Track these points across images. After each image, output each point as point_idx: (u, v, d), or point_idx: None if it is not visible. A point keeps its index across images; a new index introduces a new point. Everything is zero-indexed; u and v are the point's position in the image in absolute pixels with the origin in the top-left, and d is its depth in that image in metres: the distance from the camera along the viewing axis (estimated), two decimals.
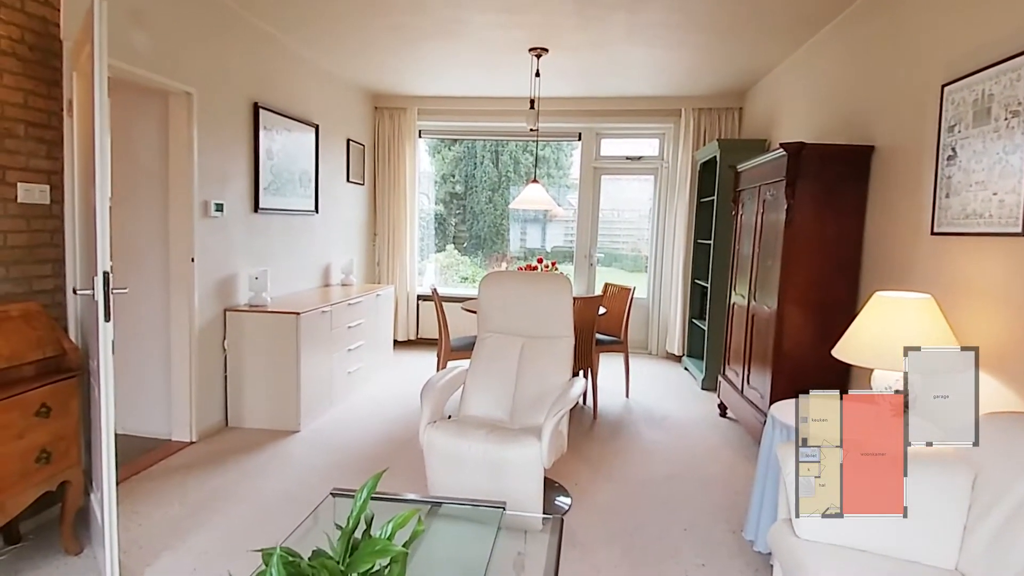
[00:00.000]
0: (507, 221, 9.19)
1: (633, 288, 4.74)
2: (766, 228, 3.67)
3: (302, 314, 3.81)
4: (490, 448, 2.51)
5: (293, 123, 4.59)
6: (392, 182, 6.26)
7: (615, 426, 4.15)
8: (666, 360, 6.18)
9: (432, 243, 8.31)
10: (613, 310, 4.87)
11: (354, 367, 4.62)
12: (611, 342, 4.66)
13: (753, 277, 3.84)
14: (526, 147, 9.94)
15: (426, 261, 8.06)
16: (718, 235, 5.04)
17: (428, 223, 8.79)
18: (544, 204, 4.59)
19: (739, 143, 5.20)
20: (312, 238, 5.00)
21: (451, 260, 8.82)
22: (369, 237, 6.33)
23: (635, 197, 6.73)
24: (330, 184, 5.30)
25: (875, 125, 3.25)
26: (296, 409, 3.85)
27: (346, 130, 5.62)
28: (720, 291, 4.94)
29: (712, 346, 5.03)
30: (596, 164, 6.40)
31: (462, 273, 8.43)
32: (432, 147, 9.47)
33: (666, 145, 6.27)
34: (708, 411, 4.52)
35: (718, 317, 4.95)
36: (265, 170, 4.23)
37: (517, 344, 3.14)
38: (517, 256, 8.57)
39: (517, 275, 3.22)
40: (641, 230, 6.66)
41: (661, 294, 6.30)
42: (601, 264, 6.72)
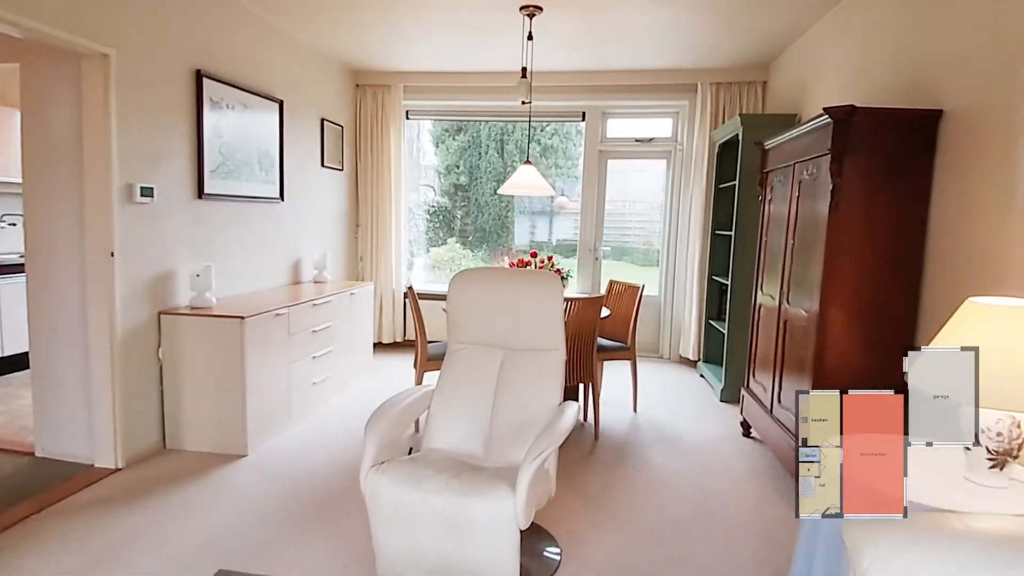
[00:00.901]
0: (512, 213, 8.61)
1: (642, 286, 4.11)
2: (803, 215, 3.02)
3: (247, 318, 3.22)
4: (450, 502, 1.91)
5: (250, 97, 3.99)
6: (376, 168, 5.66)
7: (620, 449, 3.53)
8: (680, 365, 5.54)
9: (435, 236, 7.77)
10: (619, 311, 4.25)
11: (321, 377, 4.03)
12: (616, 348, 4.04)
13: (786, 274, 3.19)
14: (532, 135, 9.29)
15: (425, 255, 7.52)
16: (740, 225, 4.39)
17: (433, 215, 8.23)
18: (538, 189, 3.97)
19: (765, 118, 4.54)
20: (276, 229, 4.41)
21: (452, 254, 8.25)
22: (351, 229, 5.73)
23: (646, 184, 6.07)
24: (300, 168, 4.71)
25: (944, 84, 2.59)
26: (242, 429, 3.27)
27: (320, 108, 5.02)
28: (743, 290, 4.30)
29: (733, 352, 4.39)
30: (602, 147, 5.75)
31: (465, 267, 7.85)
32: (436, 137, 8.90)
33: (680, 125, 5.61)
34: (729, 429, 3.89)
35: (740, 319, 4.31)
36: (212, 150, 3.64)
37: (495, 358, 2.53)
38: (523, 250, 8.00)
39: (495, 273, 2.61)
40: (653, 221, 6.01)
41: (674, 292, 5.66)
42: (610, 258, 6.08)
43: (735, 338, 4.38)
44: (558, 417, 2.17)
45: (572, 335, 3.42)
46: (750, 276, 4.02)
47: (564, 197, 7.57)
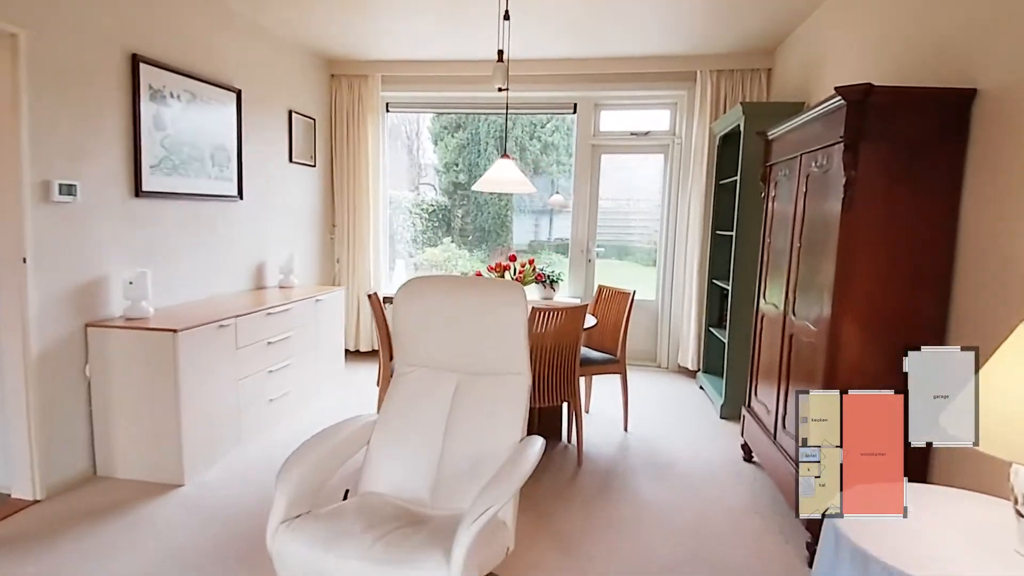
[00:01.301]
0: (511, 212, 8.28)
1: (632, 293, 3.72)
2: (811, 213, 2.63)
3: (182, 332, 2.86)
4: (368, 572, 1.54)
5: (201, 86, 3.64)
6: (353, 164, 5.29)
7: (605, 477, 3.15)
8: (678, 376, 5.15)
9: (433, 236, 7.45)
10: (608, 319, 3.86)
11: (279, 393, 3.67)
12: (605, 361, 3.65)
13: (791, 281, 2.80)
14: (533, 132, 8.87)
15: (420, 255, 7.21)
16: (742, 225, 4.00)
17: (431, 214, 7.89)
18: (514, 185, 3.58)
19: (769, 107, 4.15)
20: (235, 230, 4.06)
21: (448, 254, 7.91)
22: (325, 229, 5.37)
23: (643, 180, 5.68)
24: (263, 164, 4.35)
25: (978, 58, 2.19)
26: (177, 456, 2.91)
27: (288, 100, 4.66)
28: (745, 295, 3.91)
29: (734, 363, 4.00)
30: (595, 141, 5.36)
31: (461, 268, 7.51)
32: (435, 134, 8.57)
33: (678, 116, 5.21)
34: (729, 452, 3.50)
35: (742, 328, 3.92)
36: (152, 143, 3.28)
37: (448, 384, 2.16)
38: (523, 250, 7.66)
39: (448, 282, 2.23)
40: (653, 219, 5.61)
41: (672, 296, 5.26)
42: (612, 257, 5.69)
43: (737, 348, 3.98)
44: (517, 458, 1.80)
45: (551, 348, 3.04)
46: (753, 281, 3.63)
47: (559, 195, 7.18)
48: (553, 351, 3.06)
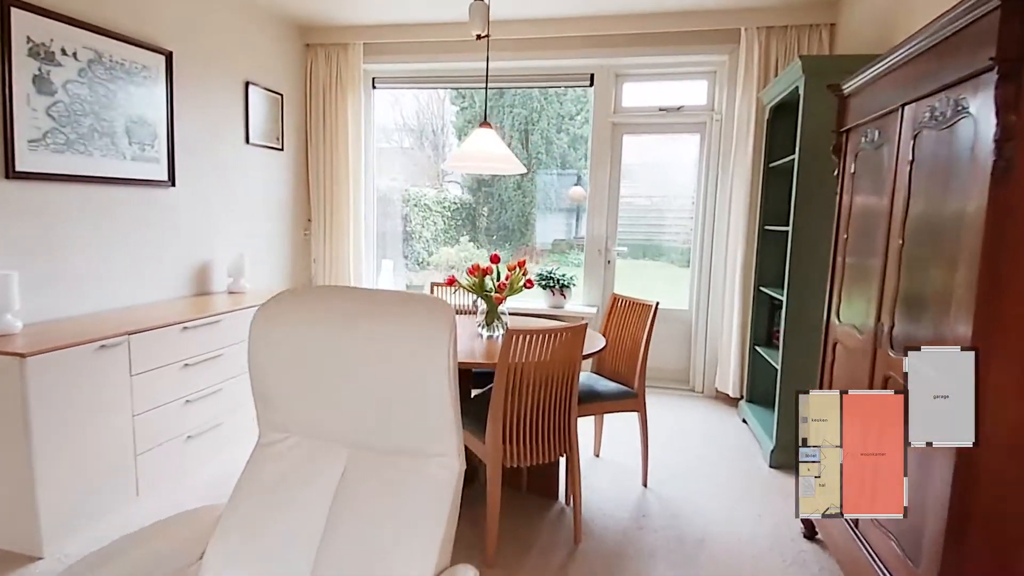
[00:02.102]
0: (534, 209, 7.57)
1: (655, 306, 2.83)
2: (924, 193, 1.72)
3: (32, 357, 2.12)
4: None
5: (111, 43, 2.91)
6: (331, 148, 4.53)
7: (610, 563, 2.28)
8: (715, 404, 4.22)
9: (455, 235, 6.79)
10: (623, 339, 2.99)
11: (201, 427, 2.92)
12: (618, 395, 2.78)
13: (886, 295, 1.89)
14: (560, 125, 7.97)
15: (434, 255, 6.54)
16: (800, 216, 3.08)
17: (454, 212, 7.30)
18: (496, 162, 2.73)
19: (837, 61, 3.23)
20: (164, 223, 3.33)
21: (464, 254, 7.17)
22: (298, 224, 4.63)
23: (675, 164, 4.76)
24: (206, 145, 3.62)
25: None
26: (32, 519, 2.18)
27: (245, 69, 3.92)
28: (804, 309, 2.99)
29: (789, 393, 3.07)
30: (616, 119, 4.48)
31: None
32: (459, 128, 7.91)
33: (717, 87, 4.29)
34: (783, 522, 2.58)
35: (799, 349, 3.00)
36: (31, 112, 2.56)
37: (331, 465, 1.33)
38: (546, 249, 6.89)
39: (336, 299, 1.40)
40: (686, 213, 4.69)
41: (709, 305, 4.34)
42: (641, 256, 4.79)
43: (792, 375, 3.06)
44: None
45: (538, 385, 2.20)
46: (814, 289, 2.73)
47: (580, 187, 6.34)
48: (541, 388, 2.21)
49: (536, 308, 4.47)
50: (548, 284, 4.43)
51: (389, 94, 5.09)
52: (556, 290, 4.41)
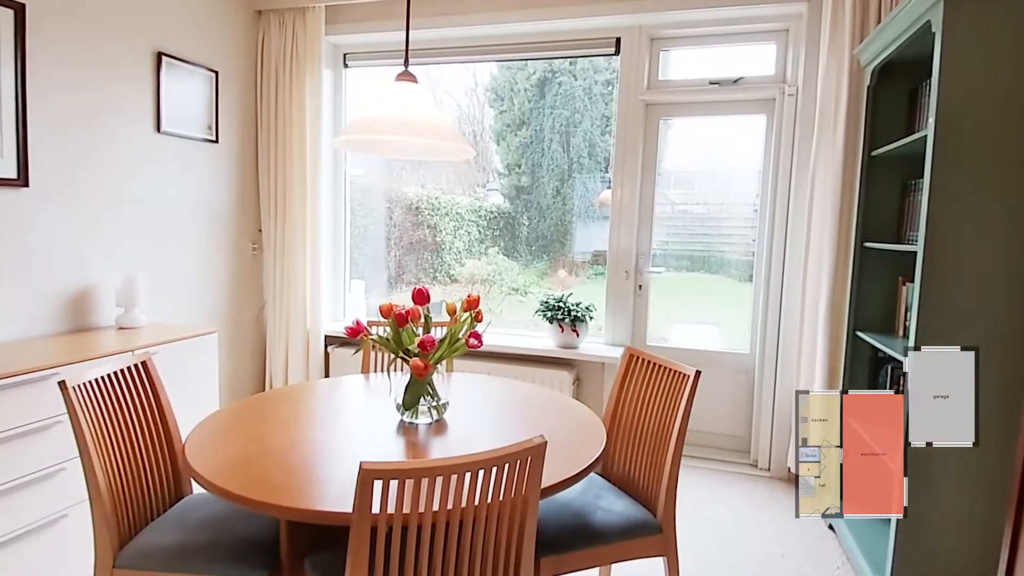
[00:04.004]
0: (574, 218, 6.62)
1: (694, 376, 1.69)
2: None
3: None
4: None
5: None
6: (282, 140, 3.58)
7: None
8: (787, 489, 3.01)
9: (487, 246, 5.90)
10: (643, 425, 1.86)
11: (25, 522, 1.98)
12: (629, 530, 1.66)
13: None
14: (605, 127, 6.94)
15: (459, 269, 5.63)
16: (943, 230, 1.87)
17: (491, 221, 6.50)
18: (420, 136, 1.66)
19: None
20: (11, 236, 2.43)
21: (492, 267, 6.19)
22: (243, 236, 3.69)
23: (731, 156, 3.58)
24: (87, 132, 2.71)
25: None
26: None
27: (155, 35, 3.01)
28: (983, 382, 1.79)
29: (918, 500, 1.86)
30: (650, 96, 3.35)
31: (510, 284, 5.76)
32: (498, 133, 7.20)
33: (791, 50, 3.11)
34: None
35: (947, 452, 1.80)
36: None
37: None
38: (585, 260, 5.86)
39: None
40: (745, 222, 3.50)
41: (780, 350, 3.13)
42: (686, 269, 3.62)
43: (924, 473, 1.85)
44: None
45: (451, 548, 1.12)
46: (957, 340, 1.54)
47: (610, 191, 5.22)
48: (456, 555, 1.13)
49: (537, 349, 3.38)
50: (556, 316, 3.33)
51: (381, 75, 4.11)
52: (566, 325, 3.30)
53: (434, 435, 1.61)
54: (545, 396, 2.04)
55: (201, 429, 1.61)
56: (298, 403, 1.92)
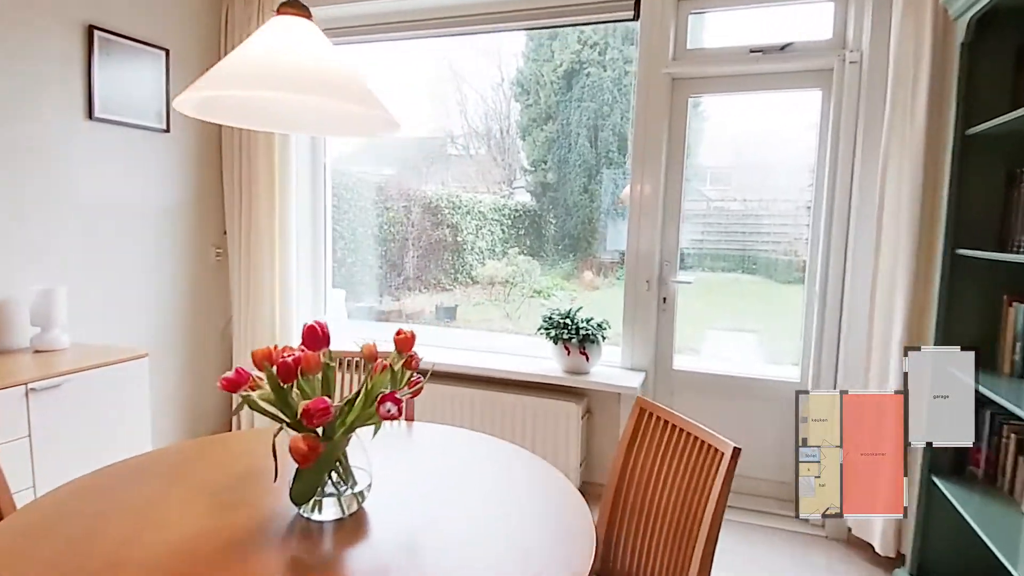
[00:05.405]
0: (600, 215, 6.14)
1: (732, 454, 1.15)
2: None
3: None
4: None
5: None
6: (249, 134, 3.11)
7: None
8: (849, 557, 2.41)
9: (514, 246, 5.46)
10: (658, 508, 1.31)
11: None
12: None
13: None
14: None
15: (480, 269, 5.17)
16: None
17: (515, 219, 6.11)
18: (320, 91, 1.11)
19: None
20: None
21: (512, 269, 5.72)
22: (202, 240, 3.23)
23: (778, 139, 2.97)
24: (4, 118, 2.28)
25: None
26: None
27: (85, 5, 2.56)
28: None
29: None
30: (676, 69, 2.76)
31: (533, 285, 5.29)
32: (523, 128, 6.85)
33: (854, 8, 2.49)
34: None
35: None
36: None
37: None
38: (615, 261, 5.37)
39: None
40: (796, 219, 2.90)
41: (838, 381, 2.53)
42: (732, 269, 3.02)
43: None
44: None
45: None
46: None
47: None
48: None
49: (539, 374, 2.82)
50: (561, 336, 2.77)
51: None
52: (573, 346, 2.74)
53: (339, 545, 1.09)
54: (522, 464, 1.50)
55: (7, 527, 1.12)
56: (157, 483, 1.33)
